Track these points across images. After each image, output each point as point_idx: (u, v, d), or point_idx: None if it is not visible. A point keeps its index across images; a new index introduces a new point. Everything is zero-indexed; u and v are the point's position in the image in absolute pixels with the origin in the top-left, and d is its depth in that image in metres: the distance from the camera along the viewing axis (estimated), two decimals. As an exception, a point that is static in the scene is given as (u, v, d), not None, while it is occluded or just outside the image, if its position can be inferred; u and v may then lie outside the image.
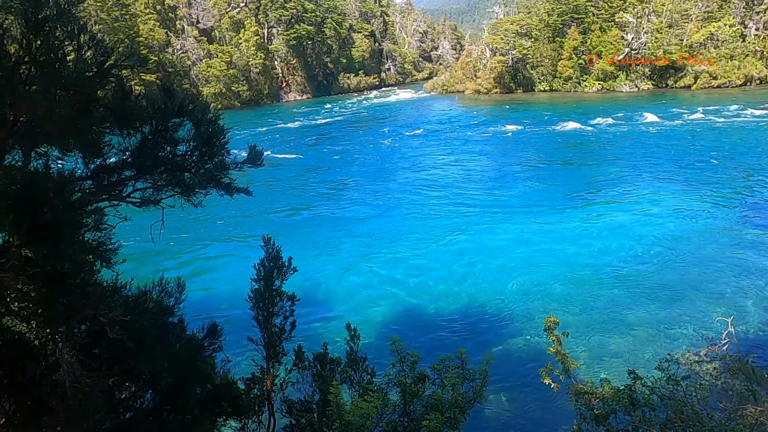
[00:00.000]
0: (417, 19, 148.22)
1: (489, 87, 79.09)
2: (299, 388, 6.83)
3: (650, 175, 29.32)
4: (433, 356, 7.14)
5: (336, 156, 42.57)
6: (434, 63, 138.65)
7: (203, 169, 4.16)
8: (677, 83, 66.38)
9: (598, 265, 18.48)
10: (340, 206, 28.32)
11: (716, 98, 54.34)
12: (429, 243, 21.83)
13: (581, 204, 25.45)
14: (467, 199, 27.70)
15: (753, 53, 62.65)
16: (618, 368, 12.63)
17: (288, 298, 5.30)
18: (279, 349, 5.44)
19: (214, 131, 3.68)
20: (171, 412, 4.75)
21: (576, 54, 72.63)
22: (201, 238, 23.87)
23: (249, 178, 20.13)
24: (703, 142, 35.97)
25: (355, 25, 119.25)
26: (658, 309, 15.32)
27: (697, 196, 24.86)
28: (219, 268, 20.41)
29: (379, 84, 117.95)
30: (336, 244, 22.43)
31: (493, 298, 16.97)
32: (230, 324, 13.94)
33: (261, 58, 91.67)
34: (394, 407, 6.14)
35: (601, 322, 14.92)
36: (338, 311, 16.70)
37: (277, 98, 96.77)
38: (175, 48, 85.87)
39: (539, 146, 39.98)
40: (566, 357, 7.81)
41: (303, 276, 18.71)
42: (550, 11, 74.85)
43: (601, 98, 64.56)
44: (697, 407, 6.96)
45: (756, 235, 19.78)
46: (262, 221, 25.83)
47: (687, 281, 16.77)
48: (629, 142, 38.23)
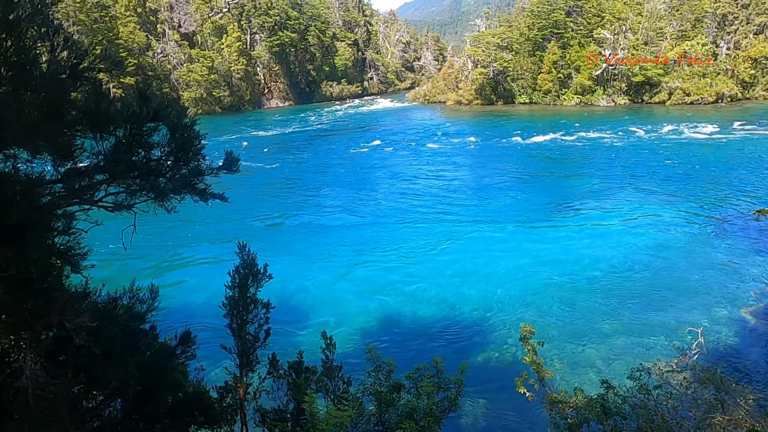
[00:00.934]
0: (400, 30, 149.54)
1: (470, 98, 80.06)
2: (274, 397, 6.76)
3: (627, 187, 29.95)
4: (410, 365, 7.14)
5: (317, 164, 42.49)
6: (417, 73, 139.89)
7: (178, 175, 4.12)
8: (652, 99, 68.18)
9: (575, 275, 18.75)
10: (319, 214, 28.24)
11: (689, 115, 55.95)
12: (408, 252, 21.88)
13: (559, 215, 25.83)
14: (448, 209, 27.88)
15: (724, 72, 64.79)
16: (592, 377, 12.80)
17: (263, 306, 5.26)
18: (253, 357, 5.38)
19: (190, 136, 3.65)
20: (140, 421, 4.65)
21: (555, 68, 74.08)
22: (178, 244, 23.52)
23: (227, 185, 19.88)
24: (678, 157, 36.94)
25: (338, 34, 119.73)
26: (632, 319, 15.59)
27: (671, 209, 25.47)
28: (196, 274, 20.11)
29: (362, 93, 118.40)
30: (314, 252, 22.33)
31: (471, 307, 17.07)
32: (206, 331, 13.76)
33: (243, 63, 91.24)
34: (369, 416, 6.13)
35: (576, 332, 15.12)
36: (315, 319, 16.59)
37: (258, 104, 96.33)
38: (156, 51, 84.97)
39: (520, 158, 40.53)
40: (541, 366, 7.90)
41: (280, 283, 18.57)
42: (530, 26, 76.32)
43: (579, 112, 65.88)
44: (667, 416, 7.09)
45: (727, 247, 20.33)
46: (240, 228, 25.60)
47: (660, 292, 17.12)
48: (607, 155, 39.03)
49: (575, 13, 74.74)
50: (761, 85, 63.73)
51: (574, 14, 74.78)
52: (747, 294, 16.53)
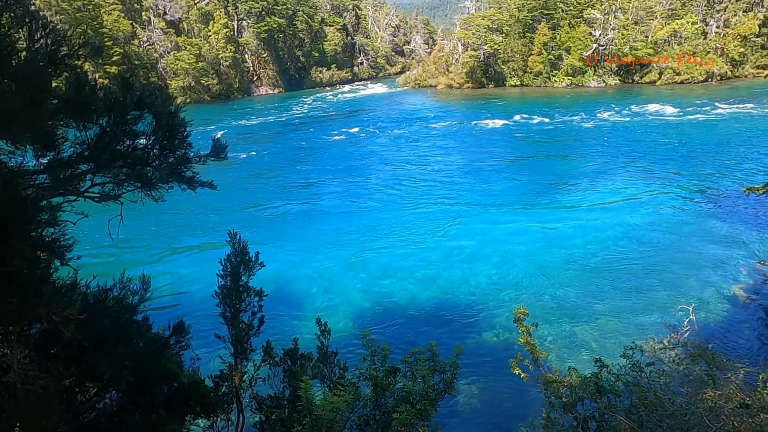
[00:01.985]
0: (389, 13, 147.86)
1: (461, 82, 79.63)
2: (270, 385, 6.77)
3: (619, 167, 30.04)
4: (405, 349, 7.17)
5: (309, 150, 42.23)
6: (407, 57, 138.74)
7: (165, 163, 4.05)
8: (642, 79, 68.17)
9: (568, 256, 18.86)
10: (312, 201, 28.14)
11: (680, 94, 56.02)
12: (402, 237, 21.89)
13: (552, 197, 25.90)
14: (442, 193, 27.86)
15: (714, 50, 64.75)
16: (586, 357, 12.95)
17: (256, 294, 5.23)
18: (247, 345, 5.36)
19: (176, 124, 3.58)
20: (135, 412, 4.64)
21: (546, 50, 73.72)
22: (172, 235, 23.38)
23: (218, 174, 19.78)
24: (669, 136, 37.04)
25: (327, 19, 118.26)
26: (624, 299, 15.74)
27: (663, 188, 25.61)
28: (191, 264, 20.03)
29: (352, 78, 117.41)
30: (309, 239, 22.29)
31: (465, 290, 17.15)
32: (201, 321, 13.75)
33: (231, 51, 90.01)
34: (366, 401, 6.16)
35: (570, 312, 15.25)
36: (311, 306, 16.63)
37: (248, 92, 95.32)
38: (141, 40, 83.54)
39: (512, 140, 40.48)
40: (535, 347, 7.96)
41: (275, 271, 18.55)
42: (520, 7, 75.71)
43: (570, 93, 65.78)
44: (659, 393, 7.18)
45: (718, 225, 20.51)
46: (233, 217, 25.47)
47: (653, 270, 17.28)
48: (598, 136, 39.08)
49: (565, -6, 74.16)
50: (750, 62, 63.80)
51: (564, -6, 74.19)
52: (737, 271, 16.72)
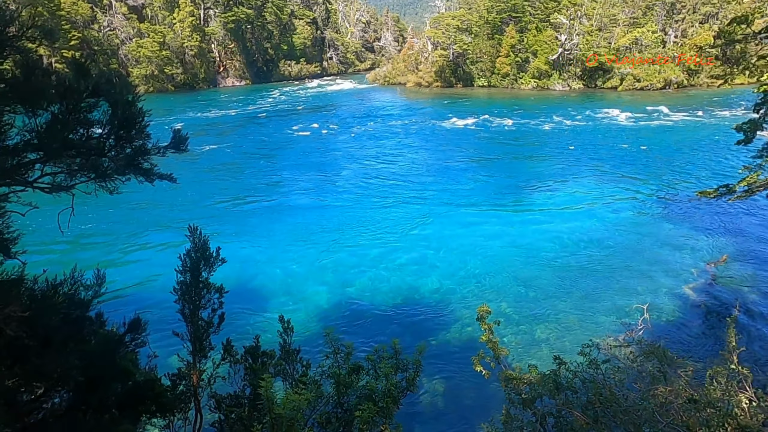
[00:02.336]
0: (360, 9, 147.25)
1: (430, 80, 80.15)
2: (231, 382, 6.63)
3: (581, 170, 30.86)
4: (370, 346, 7.15)
5: (275, 144, 41.65)
6: (377, 54, 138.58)
7: (122, 154, 3.89)
8: (605, 84, 70.26)
9: (531, 255, 19.26)
10: (278, 196, 27.77)
11: (639, 100, 57.99)
12: (369, 234, 21.87)
13: (516, 197, 26.40)
14: (408, 191, 27.97)
15: (672, 59, 67.30)
16: (546, 353, 13.25)
17: (216, 290, 5.09)
18: (206, 343, 5.22)
19: (133, 113, 3.43)
20: (86, 412, 4.45)
21: (513, 52, 74.97)
22: (133, 228, 22.65)
23: (182, 166, 19.40)
24: (628, 140, 38.30)
25: (296, 12, 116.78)
26: (583, 298, 16.19)
27: (622, 190, 26.46)
28: (152, 258, 19.45)
29: (321, 73, 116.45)
30: (273, 234, 22.00)
31: (430, 288, 17.28)
32: (163, 317, 13.37)
33: (197, 40, 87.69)
34: (328, 399, 6.11)
35: (531, 310, 15.58)
36: (275, 302, 16.41)
37: (213, 83, 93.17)
38: (102, 25, 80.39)
39: (479, 140, 41.00)
40: (497, 345, 8.08)
41: (238, 266, 18.23)
42: (489, 8, 76.70)
43: (536, 95, 67.14)
44: (614, 389, 7.40)
45: (672, 227, 21.34)
46: (196, 210, 24.88)
47: (611, 270, 17.83)
48: (561, 138, 40.03)
49: (533, -2, 75.57)
50: (705, 72, 66.61)
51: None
52: (688, 271, 17.45)
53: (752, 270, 17.40)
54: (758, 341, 13.38)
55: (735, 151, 30.33)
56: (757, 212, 22.28)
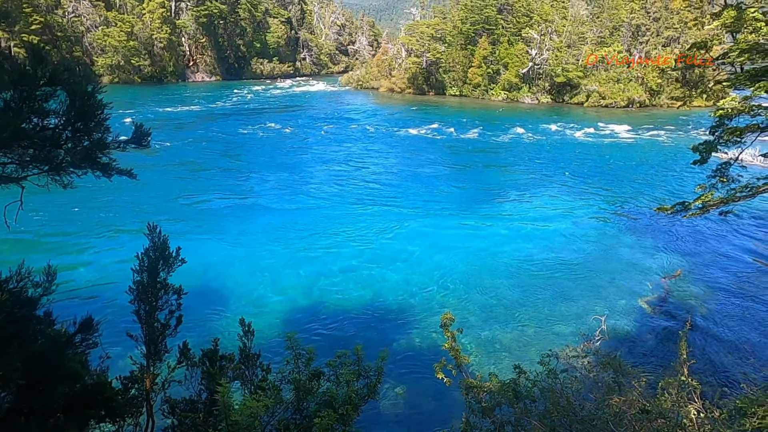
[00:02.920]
0: (335, 11, 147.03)
1: (403, 86, 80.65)
2: (187, 387, 6.43)
3: (546, 182, 31.55)
4: (332, 352, 7.07)
5: (245, 143, 41.01)
6: (350, 57, 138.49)
7: (79, 146, 3.71)
8: (572, 99, 72.28)
9: (495, 264, 19.52)
10: (245, 195, 27.31)
11: (604, 117, 59.88)
12: (334, 238, 21.73)
13: (482, 207, 26.75)
14: (375, 197, 27.98)
15: (635, 79, 69.86)
16: (506, 362, 13.43)
17: (174, 292, 4.92)
18: (161, 346, 5.04)
19: (92, 105, 3.28)
20: (28, 416, 4.22)
21: (485, 63, 76.24)
22: (89, 226, 21.83)
23: (146, 160, 18.91)
24: (592, 156, 39.44)
25: (271, 10, 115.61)
26: (545, 307, 16.51)
27: (584, 204, 27.18)
28: (109, 258, 18.77)
29: (294, 73, 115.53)
30: (237, 235, 21.60)
31: (396, 293, 17.28)
32: (117, 318, 12.90)
33: (166, 32, 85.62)
34: (287, 405, 6.00)
35: (494, 319, 15.78)
36: (238, 304, 16.08)
37: (182, 77, 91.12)
38: (67, 11, 77.57)
39: (447, 149, 41.43)
40: (459, 353, 8.12)
41: (202, 266, 17.80)
42: (463, 19, 77.84)
43: (505, 107, 68.44)
44: (571, 398, 7.54)
45: (631, 241, 22.03)
46: (157, 208, 24.20)
47: (572, 282, 18.26)
48: (528, 151, 40.87)
49: (506, 11, 77.12)
50: (666, 93, 69.40)
51: (504, 12, 77.12)
52: (644, 285, 18.04)
53: (704, 285, 18.14)
54: (707, 354, 13.92)
55: (692, 171, 31.62)
56: (710, 229, 23.27)
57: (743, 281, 18.57)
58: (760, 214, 25.28)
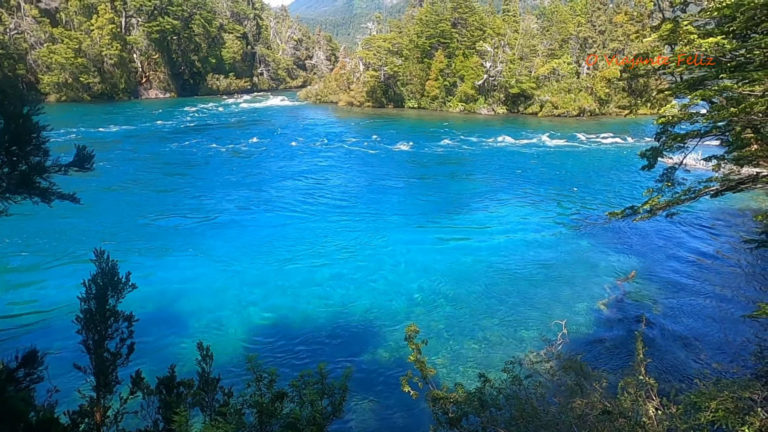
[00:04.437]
0: (292, 26, 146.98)
1: (362, 100, 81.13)
2: (143, 417, 6.14)
3: (505, 191, 32.25)
4: (297, 371, 6.92)
5: (199, 160, 40.14)
6: (308, 72, 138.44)
7: (17, 171, 3.52)
8: (527, 110, 74.51)
9: (457, 274, 19.71)
10: (200, 214, 26.64)
11: (558, 126, 61.95)
12: (295, 253, 21.46)
13: (443, 217, 27.05)
14: (337, 210, 27.87)
15: (585, 89, 72.73)
16: (473, 371, 13.51)
17: (125, 319, 4.70)
18: (112, 377, 4.80)
19: (28, 128, 3.12)
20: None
21: (442, 76, 77.74)
22: (36, 253, 20.77)
23: (93, 183, 18.23)
24: (547, 163, 40.64)
25: (226, 25, 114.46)
26: (508, 314, 16.75)
27: (541, 211, 27.91)
28: (57, 286, 17.88)
29: (251, 88, 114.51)
30: (194, 255, 21.02)
31: (360, 307, 17.17)
32: (66, 349, 12.27)
33: (117, 48, 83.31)
34: (250, 429, 5.81)
35: (459, 328, 15.88)
36: (195, 327, 15.58)
37: (135, 94, 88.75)
38: (8, 27, 74.43)
39: (407, 161, 41.80)
40: (424, 364, 8.11)
41: (155, 289, 17.21)
42: (419, 33, 79.28)
43: (463, 118, 69.82)
44: (536, 404, 7.64)
45: (587, 246, 22.72)
46: (107, 231, 23.30)
47: (532, 288, 18.63)
48: (486, 160, 41.75)
49: (460, 25, 79.04)
50: (614, 102, 72.52)
51: (459, 26, 79.02)
52: (602, 288, 18.61)
53: (656, 285, 18.87)
54: (662, 352, 14.43)
55: (641, 175, 33.03)
56: (659, 230, 24.31)
57: (690, 278, 19.44)
58: (701, 214, 26.60)
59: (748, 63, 9.67)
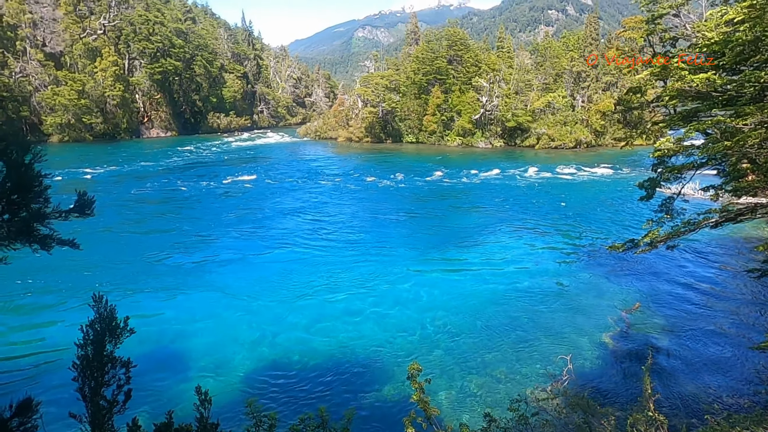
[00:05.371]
0: (291, 65, 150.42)
1: (360, 136, 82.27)
2: (140, 465, 5.95)
3: (505, 223, 32.26)
4: (297, 413, 6.76)
5: (201, 197, 40.34)
6: (308, 109, 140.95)
7: (17, 218, 3.53)
8: (523, 142, 75.44)
9: (460, 309, 19.48)
10: (200, 252, 26.56)
11: (554, 157, 62.59)
12: (295, 290, 21.29)
13: (444, 251, 26.97)
14: (338, 245, 27.82)
15: (581, 121, 73.86)
16: (478, 409, 13.19)
17: (122, 365, 4.60)
18: (108, 425, 4.67)
19: (30, 176, 3.14)
20: None
21: (439, 111, 79.09)
22: (36, 296, 20.63)
23: (101, 221, 18.20)
24: (546, 195, 40.83)
25: (227, 65, 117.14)
26: (511, 349, 16.48)
27: (543, 243, 27.85)
28: (56, 331, 17.68)
29: (251, 126, 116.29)
30: (193, 294, 20.84)
31: (362, 344, 16.90)
32: (62, 397, 12.03)
33: (120, 89, 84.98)
34: (249, 477, 5.63)
35: (462, 364, 15.59)
36: (194, 370, 15.28)
37: (136, 133, 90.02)
38: (14, 71, 76.15)
39: (408, 195, 42.01)
40: (428, 404, 7.93)
41: (153, 331, 17.00)
42: (416, 70, 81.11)
43: (461, 152, 70.62)
44: (543, 444, 7.44)
45: (589, 279, 22.55)
46: (105, 272, 23.19)
47: (535, 321, 18.38)
48: (487, 193, 41.96)
49: (456, 62, 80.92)
50: (609, 134, 73.51)
51: (454, 63, 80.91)
52: (606, 320, 18.37)
53: (661, 316, 18.65)
54: (670, 386, 14.13)
55: (640, 205, 33.12)
56: (661, 260, 24.19)
57: (694, 308, 19.22)
58: (702, 242, 26.54)
59: (740, 97, 9.85)
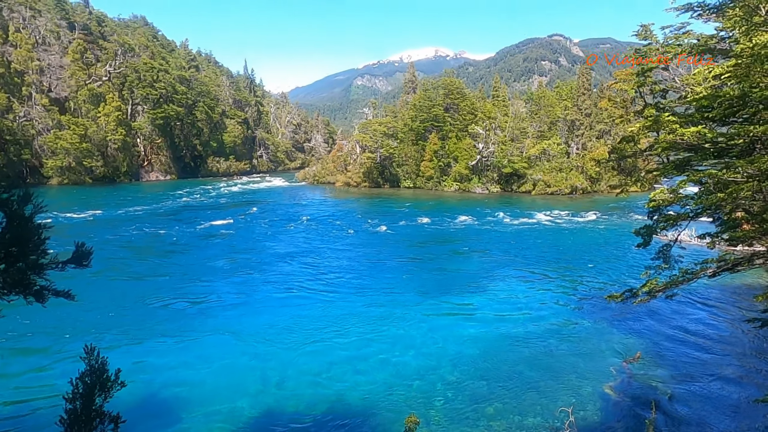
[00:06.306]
0: (291, 112, 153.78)
1: (358, 180, 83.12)
2: None
3: (503, 269, 32.13)
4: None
5: (200, 242, 40.23)
6: (307, 154, 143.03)
7: (13, 268, 3.50)
8: (520, 188, 76.30)
9: (457, 357, 19.10)
10: (195, 297, 26.25)
11: (550, 203, 63.11)
12: (289, 339, 20.90)
13: (446, 296, 26.71)
14: (333, 291, 27.56)
15: (576, 168, 74.99)
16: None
17: (111, 420, 4.45)
18: (93, 486, 4.46)
19: (29, 229, 3.14)
20: None
21: (436, 157, 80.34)
22: (28, 348, 20.23)
23: (97, 265, 17.79)
24: (543, 241, 40.89)
25: (228, 111, 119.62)
26: (511, 400, 16.05)
27: (541, 290, 27.64)
28: (47, 383, 17.24)
29: (251, 170, 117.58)
30: (184, 340, 20.43)
31: (358, 395, 16.44)
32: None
33: (122, 134, 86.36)
34: None
35: (460, 416, 15.13)
36: (186, 421, 14.79)
37: (136, 177, 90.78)
38: (18, 114, 77.50)
39: (405, 241, 42.01)
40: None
41: (145, 379, 16.55)
42: (413, 117, 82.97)
43: (458, 197, 71.23)
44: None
45: (588, 327, 22.24)
46: (95, 318, 22.84)
47: (535, 372, 17.99)
48: (484, 239, 41.99)
49: (452, 110, 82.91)
50: (605, 180, 74.51)
51: (451, 110, 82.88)
52: (608, 370, 17.99)
53: (663, 366, 18.30)
54: (676, 440, 13.71)
55: (637, 252, 33.15)
56: (661, 308, 23.97)
57: (696, 358, 18.90)
58: (702, 290, 26.41)
59: (730, 149, 10.08)
